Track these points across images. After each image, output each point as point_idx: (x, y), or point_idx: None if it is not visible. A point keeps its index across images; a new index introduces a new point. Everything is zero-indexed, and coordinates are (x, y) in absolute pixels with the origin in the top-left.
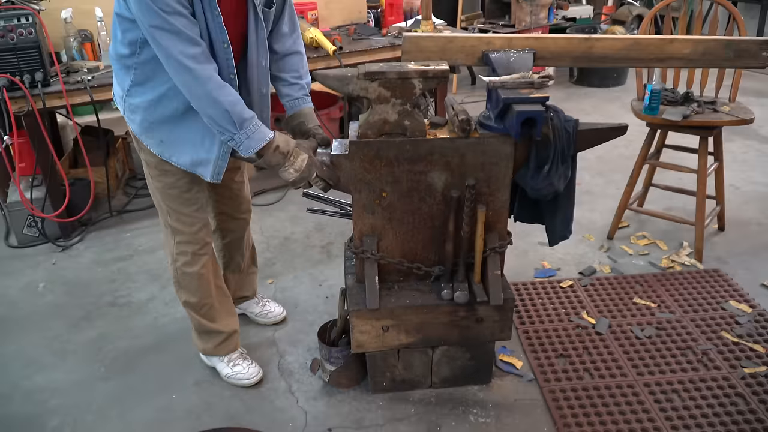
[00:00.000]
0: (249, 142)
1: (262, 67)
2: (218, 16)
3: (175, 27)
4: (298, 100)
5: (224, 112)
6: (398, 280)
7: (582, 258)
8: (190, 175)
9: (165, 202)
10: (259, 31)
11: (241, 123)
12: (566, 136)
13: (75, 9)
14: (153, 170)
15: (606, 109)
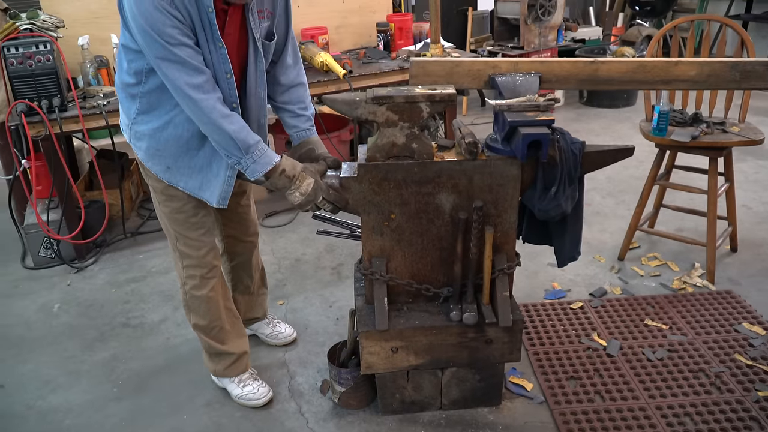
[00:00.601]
0: (255, 166)
1: (260, 98)
2: (222, 47)
3: (180, 57)
4: (305, 131)
5: (229, 138)
6: (407, 302)
7: (592, 279)
8: (195, 200)
9: (172, 227)
10: (258, 63)
11: (246, 148)
12: (573, 158)
13: (91, 36)
14: (160, 196)
15: (616, 129)
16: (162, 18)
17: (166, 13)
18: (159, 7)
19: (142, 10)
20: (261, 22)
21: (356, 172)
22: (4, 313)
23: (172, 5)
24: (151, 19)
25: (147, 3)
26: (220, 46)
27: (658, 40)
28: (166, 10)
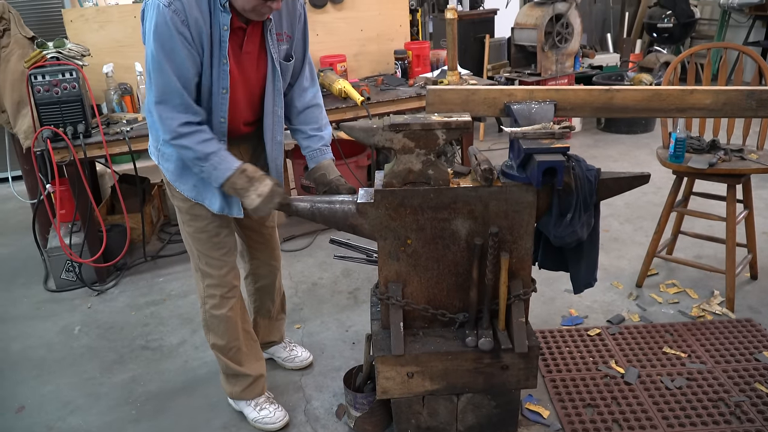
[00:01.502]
0: (216, 172)
1: (277, 116)
2: (225, 64)
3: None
4: (317, 152)
5: (189, 150)
6: (423, 327)
7: (610, 306)
8: (218, 220)
9: (195, 246)
10: (276, 82)
11: (205, 156)
12: (588, 185)
13: (116, 64)
14: (184, 215)
15: (634, 155)
16: (170, 32)
17: (176, 31)
18: (171, 21)
19: (157, 21)
20: (280, 45)
21: (373, 198)
22: (26, 335)
23: (185, 24)
24: (160, 31)
25: (162, 16)
26: (224, 63)
27: (674, 67)
28: (177, 28)
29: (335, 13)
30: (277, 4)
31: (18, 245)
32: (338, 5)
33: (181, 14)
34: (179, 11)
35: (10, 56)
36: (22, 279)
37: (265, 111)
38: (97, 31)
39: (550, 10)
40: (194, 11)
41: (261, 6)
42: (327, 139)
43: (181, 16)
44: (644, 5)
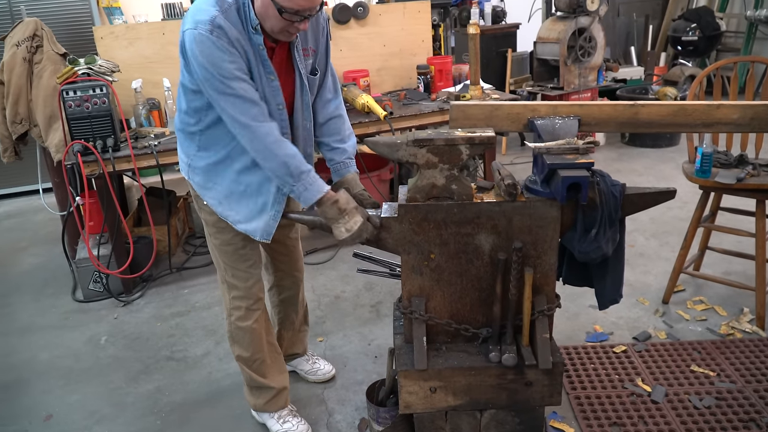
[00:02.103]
0: (306, 193)
1: (307, 129)
2: (274, 80)
3: (236, 91)
4: (341, 165)
5: (282, 164)
6: (446, 341)
7: (636, 322)
8: (243, 234)
9: (222, 258)
10: (304, 96)
11: (298, 174)
12: (613, 201)
13: (144, 80)
14: (211, 228)
15: (659, 170)
16: (220, 54)
17: (225, 50)
18: (218, 45)
19: (202, 48)
20: (306, 59)
21: (397, 212)
22: (54, 344)
23: (230, 44)
24: (210, 56)
25: (207, 42)
26: (272, 79)
27: (700, 81)
28: (225, 47)
29: (358, 28)
30: (304, 25)
31: (47, 256)
32: (361, 21)
33: (224, 38)
34: (221, 36)
35: (42, 72)
36: (51, 289)
37: (294, 125)
38: (126, 47)
39: (573, 24)
40: (234, 33)
41: (289, 27)
42: (351, 152)
43: (225, 39)
44: (668, 18)
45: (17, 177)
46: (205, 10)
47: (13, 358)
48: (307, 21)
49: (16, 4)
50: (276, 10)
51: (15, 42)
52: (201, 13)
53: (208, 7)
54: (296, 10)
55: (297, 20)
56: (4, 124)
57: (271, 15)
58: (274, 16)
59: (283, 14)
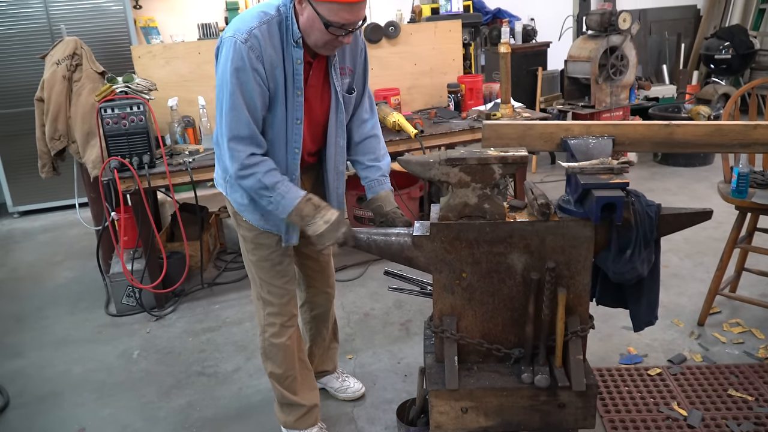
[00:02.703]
0: (284, 201)
1: (340, 147)
2: (300, 95)
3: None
4: (376, 182)
5: (257, 181)
6: (477, 361)
7: (670, 344)
8: (281, 249)
9: (258, 274)
10: (339, 114)
11: (273, 185)
12: (648, 221)
13: (180, 98)
14: (249, 244)
15: (693, 189)
16: (245, 67)
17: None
18: (247, 57)
19: (233, 54)
20: (343, 78)
21: (429, 231)
22: (87, 358)
23: (259, 59)
24: (236, 65)
25: (238, 52)
26: (299, 94)
27: (735, 101)
28: (252, 64)
29: (390, 47)
30: (348, 39)
31: (82, 270)
32: (393, 40)
33: (257, 50)
34: (255, 48)
35: (81, 90)
36: (85, 303)
37: (327, 142)
38: (163, 66)
39: (605, 43)
40: (269, 47)
41: (333, 41)
42: (385, 170)
43: (257, 52)
44: (701, 36)
45: (54, 192)
46: (247, 20)
47: (49, 371)
48: (351, 35)
49: (56, 24)
50: (322, 24)
51: (55, 60)
52: (243, 22)
53: (250, 18)
54: (341, 24)
55: (341, 34)
56: (43, 140)
57: (316, 29)
58: (319, 30)
59: (329, 28)
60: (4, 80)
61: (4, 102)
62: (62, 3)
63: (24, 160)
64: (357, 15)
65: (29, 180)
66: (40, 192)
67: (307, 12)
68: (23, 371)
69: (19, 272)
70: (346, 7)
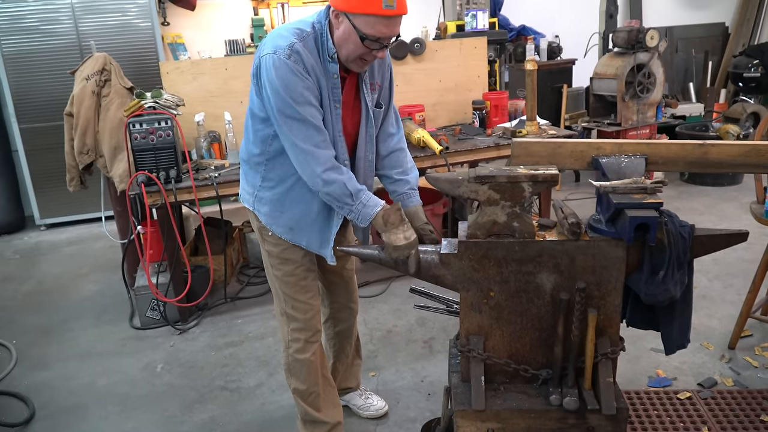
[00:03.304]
0: (366, 209)
1: (368, 161)
2: (338, 108)
3: (303, 116)
4: (404, 195)
5: (342, 186)
6: (504, 382)
7: (700, 368)
8: (307, 264)
9: (282, 290)
10: (369, 129)
11: (357, 194)
12: (682, 242)
13: (206, 113)
14: (274, 260)
15: (721, 209)
16: (295, 80)
17: (300, 76)
18: (294, 70)
19: (279, 73)
20: (372, 93)
21: (457, 249)
22: (111, 371)
23: (305, 70)
24: (285, 80)
25: (283, 67)
26: (337, 107)
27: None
28: (300, 73)
29: (415, 64)
30: (381, 54)
31: (106, 282)
32: (418, 56)
33: (300, 63)
34: (298, 61)
35: (110, 105)
36: (109, 315)
37: (357, 156)
38: (190, 82)
39: (632, 60)
40: (310, 61)
41: (366, 54)
42: (413, 183)
43: (300, 65)
44: (729, 54)
45: (80, 205)
46: (285, 36)
47: (74, 383)
48: (385, 49)
49: (85, 40)
50: (358, 38)
51: (85, 76)
52: (281, 39)
53: (288, 34)
54: (377, 38)
55: (376, 48)
56: (72, 155)
57: (351, 41)
58: (354, 43)
59: (365, 41)
60: (34, 95)
61: (34, 116)
62: (91, 19)
63: (52, 174)
64: (393, 29)
65: (56, 193)
66: (66, 205)
67: (343, 25)
68: (49, 383)
69: (45, 284)
70: (384, 20)
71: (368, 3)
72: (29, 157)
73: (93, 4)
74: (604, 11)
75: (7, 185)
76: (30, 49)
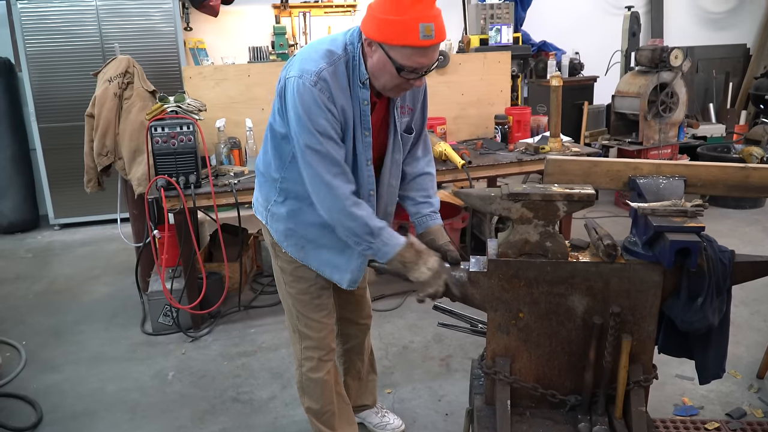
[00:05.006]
0: (386, 248)
1: (392, 187)
2: (368, 135)
3: (324, 148)
4: (426, 217)
5: (363, 224)
6: (530, 406)
7: (728, 397)
8: (322, 281)
9: (295, 308)
10: (395, 154)
11: (378, 232)
12: (722, 268)
13: (228, 119)
14: (287, 276)
15: (744, 233)
16: (318, 110)
17: (323, 107)
18: (318, 100)
19: (303, 100)
20: (402, 117)
21: (486, 267)
22: (122, 377)
23: (330, 100)
24: (309, 109)
25: (308, 95)
26: (367, 135)
27: None
28: (324, 104)
29: (438, 77)
30: (419, 82)
31: (118, 285)
32: (441, 69)
33: (326, 92)
34: (324, 90)
35: (131, 107)
36: (120, 319)
37: (380, 181)
38: (213, 87)
39: (655, 79)
40: (337, 89)
41: (404, 84)
42: (436, 207)
43: (326, 94)
44: (750, 76)
45: (95, 206)
46: (315, 60)
47: (83, 388)
48: (422, 78)
49: (108, 42)
50: (394, 69)
51: (107, 78)
52: (309, 62)
53: (317, 57)
54: (414, 68)
55: (413, 77)
56: (91, 156)
57: (387, 72)
58: (390, 73)
59: (401, 72)
60: (55, 95)
61: (53, 116)
62: (115, 22)
63: (68, 174)
64: (431, 58)
65: (71, 193)
66: (81, 206)
67: (377, 55)
68: (58, 386)
69: (56, 285)
70: (421, 51)
71: (405, 34)
72: (47, 157)
73: (118, 7)
74: (627, 29)
75: (23, 184)
76: (53, 50)
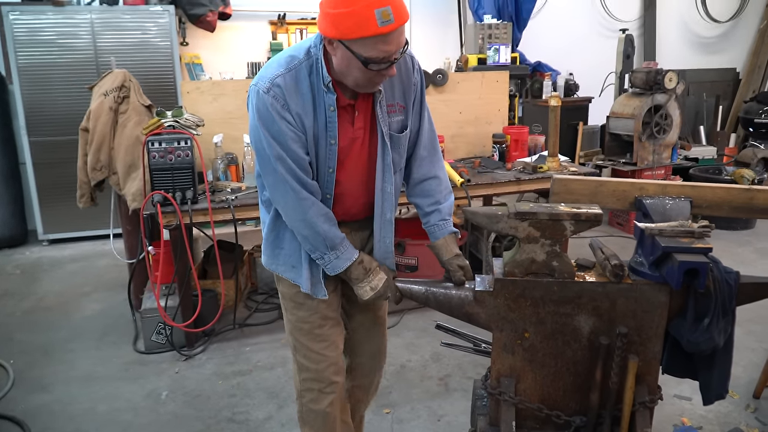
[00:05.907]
0: (337, 261)
1: (387, 193)
2: (334, 144)
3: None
4: (436, 227)
5: (318, 236)
6: (534, 427)
7: (726, 417)
8: (323, 311)
9: (294, 336)
10: (386, 157)
11: (333, 245)
12: (728, 289)
13: (225, 134)
14: (288, 302)
15: (736, 253)
16: (272, 117)
17: (277, 112)
18: (270, 108)
19: (257, 107)
20: (392, 116)
21: (492, 286)
22: (113, 396)
23: (285, 107)
24: (262, 117)
25: (261, 102)
26: (332, 144)
27: None
28: (278, 111)
29: (436, 95)
30: (392, 71)
31: (109, 302)
32: (440, 88)
33: (280, 99)
34: (278, 96)
35: (127, 122)
36: (112, 337)
37: (375, 188)
38: (210, 102)
39: (649, 101)
40: (294, 96)
41: (376, 76)
42: (445, 212)
43: (281, 101)
44: (740, 99)
45: (85, 222)
46: (273, 67)
47: (73, 408)
48: (393, 66)
49: (102, 56)
50: (360, 63)
51: (103, 92)
52: (268, 69)
53: (276, 65)
54: (381, 58)
55: (384, 67)
56: (84, 170)
57: (354, 68)
58: (357, 69)
59: (369, 65)
60: (47, 108)
61: (45, 130)
62: (110, 36)
63: (58, 188)
64: (397, 43)
65: (61, 208)
66: (71, 221)
67: (340, 53)
68: (48, 407)
69: (46, 301)
70: (383, 38)
71: (361, 25)
72: (37, 171)
73: (113, 20)
74: (621, 51)
75: (11, 198)
76: (45, 62)
